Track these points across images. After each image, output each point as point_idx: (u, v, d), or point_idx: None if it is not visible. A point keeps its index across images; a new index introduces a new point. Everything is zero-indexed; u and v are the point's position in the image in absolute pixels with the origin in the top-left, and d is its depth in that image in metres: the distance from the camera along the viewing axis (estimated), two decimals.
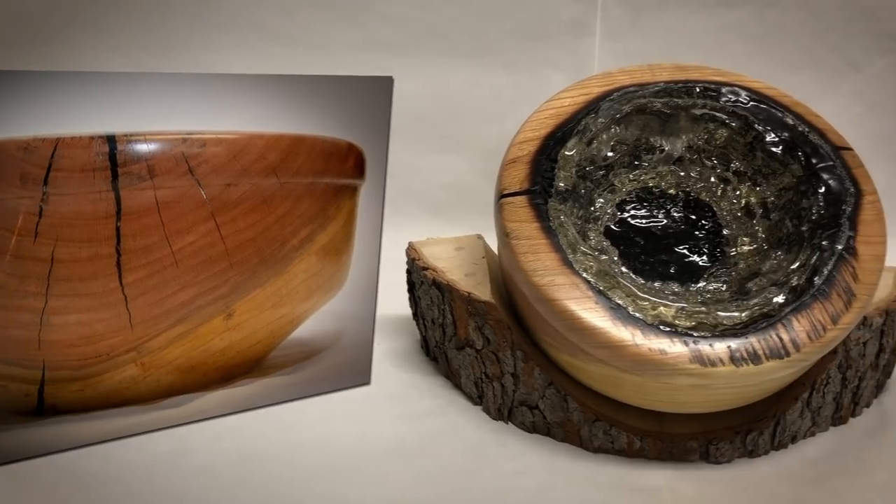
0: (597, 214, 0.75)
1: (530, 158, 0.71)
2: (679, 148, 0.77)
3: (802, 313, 0.64)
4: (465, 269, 0.80)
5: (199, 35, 1.10)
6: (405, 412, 0.77)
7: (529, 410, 0.74)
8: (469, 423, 0.75)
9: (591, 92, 0.76)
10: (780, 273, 0.68)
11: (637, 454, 0.71)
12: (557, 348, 0.70)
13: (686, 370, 0.62)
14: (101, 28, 1.07)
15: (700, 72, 0.78)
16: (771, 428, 0.71)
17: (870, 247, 0.67)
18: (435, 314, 0.79)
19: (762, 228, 0.73)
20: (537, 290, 0.65)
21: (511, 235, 0.67)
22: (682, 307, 0.66)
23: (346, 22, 1.14)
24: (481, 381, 0.76)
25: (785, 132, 0.74)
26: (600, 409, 0.72)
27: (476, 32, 1.16)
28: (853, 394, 0.76)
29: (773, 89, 0.77)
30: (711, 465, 0.70)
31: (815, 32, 1.14)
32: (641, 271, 0.72)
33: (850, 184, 0.70)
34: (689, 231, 0.75)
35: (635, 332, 0.63)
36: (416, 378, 0.83)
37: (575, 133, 0.73)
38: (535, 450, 0.72)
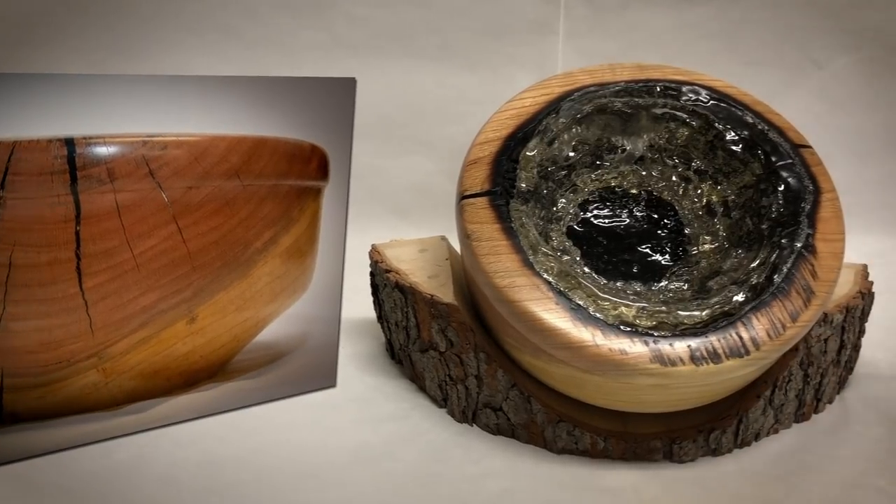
0: (559, 215, 0.75)
1: (491, 159, 0.71)
2: (640, 147, 0.77)
3: (762, 311, 0.64)
4: (429, 270, 0.80)
5: (160, 36, 1.09)
6: (370, 416, 0.77)
7: (493, 412, 0.73)
8: (433, 426, 0.75)
9: (552, 92, 0.76)
10: (740, 271, 0.69)
11: (601, 454, 0.71)
12: (520, 349, 0.70)
13: (646, 370, 0.62)
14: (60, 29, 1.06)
15: (661, 71, 0.78)
16: (734, 426, 0.71)
17: (828, 244, 0.68)
18: (398, 317, 0.79)
19: (723, 227, 0.74)
20: (498, 292, 0.65)
21: (472, 237, 0.67)
22: (642, 307, 0.66)
23: (309, 23, 1.13)
24: (445, 384, 0.76)
25: (745, 131, 0.74)
26: (564, 410, 0.71)
27: (440, 32, 1.16)
28: (815, 390, 0.76)
29: (732, 88, 0.77)
30: (675, 465, 0.70)
31: (778, 30, 1.15)
32: (604, 271, 0.72)
33: (809, 182, 0.71)
34: (652, 230, 0.76)
35: (595, 333, 0.63)
36: (380, 381, 0.83)
37: (536, 133, 0.73)
38: (500, 452, 0.72)
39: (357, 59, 1.15)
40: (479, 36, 1.16)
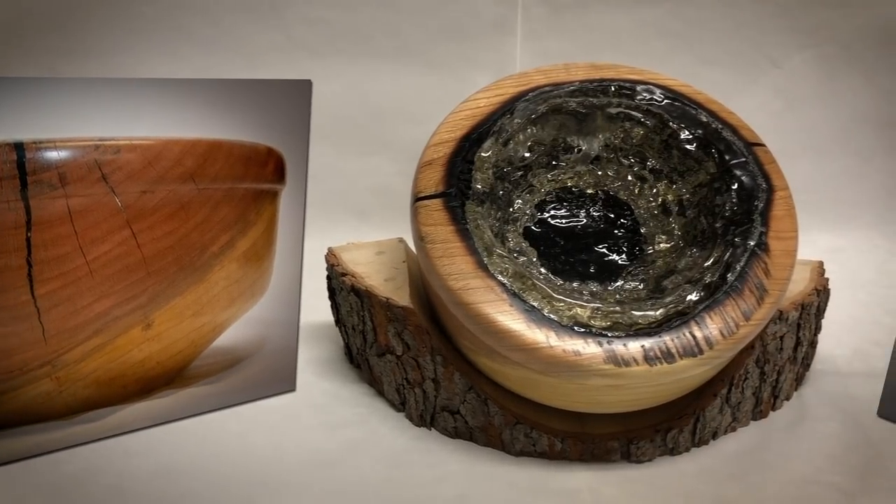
0: (516, 216, 0.74)
1: (445, 161, 0.70)
2: (596, 147, 0.76)
3: (715, 310, 0.64)
4: (385, 273, 0.79)
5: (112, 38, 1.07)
6: (327, 421, 0.76)
7: (451, 416, 0.73)
8: (391, 431, 0.74)
9: (507, 92, 0.75)
10: (694, 270, 0.69)
11: (559, 456, 0.70)
12: (476, 352, 0.69)
13: (600, 371, 0.61)
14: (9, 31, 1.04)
15: (615, 70, 0.78)
16: (691, 425, 0.71)
17: (781, 242, 0.68)
18: (355, 321, 0.78)
19: (678, 226, 0.74)
20: (452, 294, 0.64)
21: (426, 239, 0.66)
22: (597, 307, 0.66)
23: (265, 24, 1.12)
24: (403, 388, 0.75)
25: (699, 129, 0.74)
26: (521, 412, 0.71)
27: (398, 33, 1.15)
28: (772, 388, 0.77)
29: (687, 87, 0.77)
30: (633, 465, 0.70)
31: (734, 28, 1.15)
32: (561, 271, 0.72)
33: (763, 180, 0.71)
34: (609, 230, 0.75)
35: (549, 334, 0.62)
36: (339, 386, 0.82)
37: (491, 134, 0.72)
38: (458, 456, 0.71)
39: (314, 60, 1.14)
40: (437, 37, 1.15)
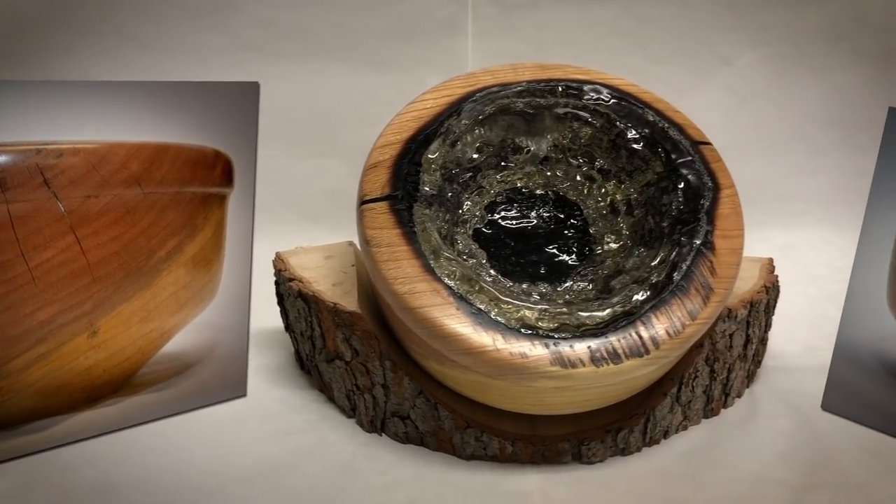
0: (465, 217, 0.74)
1: (391, 163, 0.70)
2: (545, 147, 0.76)
3: (661, 310, 0.64)
4: (333, 278, 0.78)
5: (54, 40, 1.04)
6: (276, 429, 0.74)
7: (401, 421, 0.72)
8: (341, 438, 0.73)
9: (454, 93, 0.74)
10: (642, 270, 0.68)
11: (510, 459, 0.70)
12: (425, 356, 0.68)
13: (547, 373, 0.61)
14: None
15: (562, 70, 0.78)
16: (641, 425, 0.71)
17: (727, 240, 0.68)
18: (303, 327, 0.77)
19: (626, 226, 0.74)
20: (398, 299, 0.63)
21: (371, 243, 0.65)
22: (544, 309, 0.65)
23: (212, 25, 1.10)
24: (353, 394, 0.74)
25: (646, 129, 0.74)
26: (472, 416, 0.71)
27: (347, 34, 1.14)
28: (723, 386, 0.77)
29: (634, 86, 0.77)
30: (584, 466, 0.70)
31: (686, 26, 1.16)
32: (511, 273, 0.72)
33: (709, 178, 0.71)
34: (559, 230, 0.75)
35: (496, 337, 0.62)
36: (289, 393, 0.80)
37: (438, 135, 0.72)
38: (408, 461, 0.70)
39: (263, 62, 1.12)
40: (387, 37, 1.14)
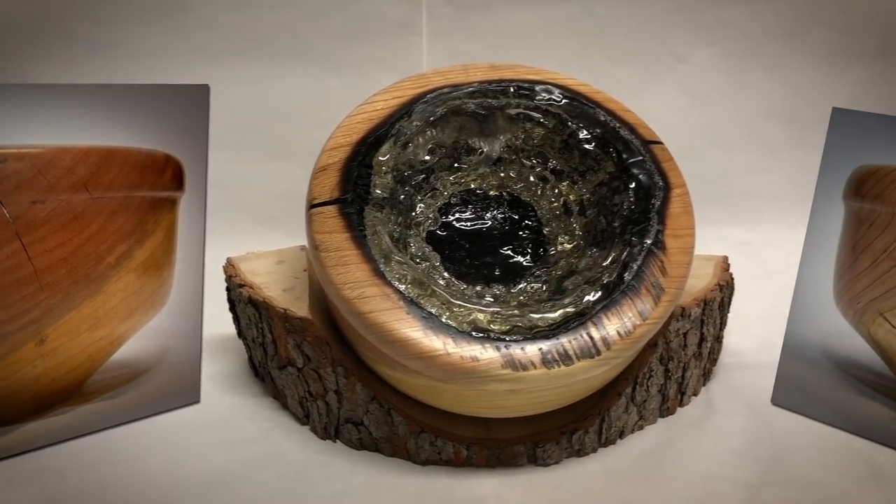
0: (418, 220, 0.73)
1: (341, 166, 0.69)
2: (497, 148, 0.76)
3: (612, 310, 0.64)
4: (284, 283, 0.77)
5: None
6: (229, 438, 0.73)
7: (355, 427, 0.71)
8: (295, 446, 0.72)
9: (405, 94, 0.74)
10: (594, 270, 0.68)
11: (465, 463, 0.69)
12: (377, 361, 0.68)
13: (498, 376, 0.60)
14: None
15: (514, 71, 0.77)
16: (596, 425, 0.71)
17: (678, 240, 0.68)
18: (254, 333, 0.76)
19: (579, 226, 0.73)
20: (348, 304, 0.62)
21: (320, 248, 0.65)
22: (496, 311, 0.65)
23: (160, 27, 1.08)
24: (306, 401, 0.73)
25: (597, 129, 0.74)
26: (426, 421, 0.70)
27: (300, 35, 1.12)
28: (678, 384, 0.77)
29: (585, 86, 0.77)
30: (540, 468, 0.70)
31: (640, 26, 1.16)
32: (466, 275, 0.71)
33: (659, 178, 0.71)
34: (514, 231, 0.75)
35: (447, 341, 0.61)
36: (242, 401, 0.79)
37: (388, 137, 0.71)
38: (363, 468, 0.69)
39: (213, 64, 1.10)
40: (340, 38, 1.13)
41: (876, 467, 0.70)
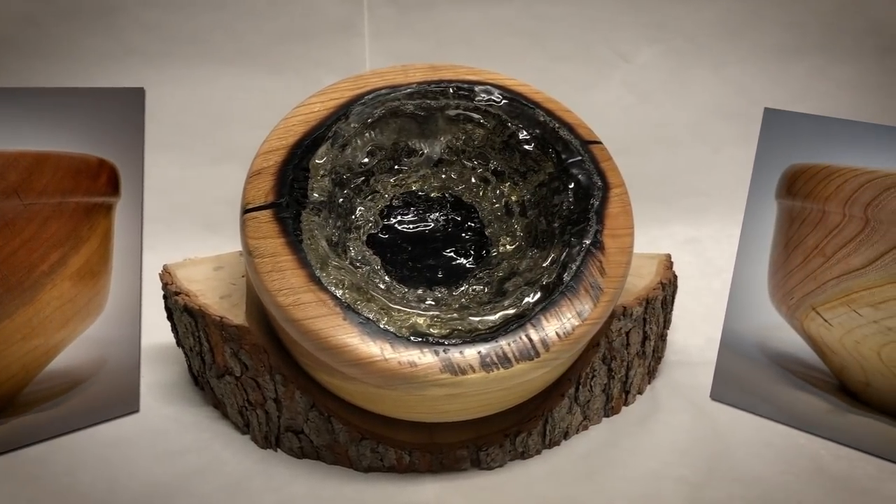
0: (358, 223, 0.72)
1: (276, 169, 0.67)
2: (438, 150, 0.75)
3: (551, 311, 0.63)
4: (222, 290, 0.75)
5: None
6: (167, 450, 0.71)
7: (296, 436, 0.70)
8: (234, 456, 0.71)
9: (342, 96, 0.73)
10: (535, 272, 0.68)
11: (408, 469, 0.68)
12: (315, 368, 0.67)
13: (437, 381, 0.60)
14: None
15: (453, 71, 0.77)
16: (540, 427, 0.71)
17: (616, 240, 0.68)
18: (192, 342, 0.74)
19: (520, 227, 0.73)
20: (283, 311, 0.61)
21: (254, 254, 0.63)
22: (436, 315, 0.64)
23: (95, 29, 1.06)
24: (245, 410, 0.72)
25: (537, 129, 0.73)
26: (367, 427, 0.69)
27: (239, 36, 1.11)
28: (622, 383, 0.77)
29: (525, 86, 0.76)
30: (483, 472, 0.69)
31: (584, 24, 1.16)
32: (408, 278, 0.70)
33: (598, 178, 0.71)
34: (457, 233, 0.74)
35: (384, 347, 0.60)
36: (181, 410, 0.77)
37: (325, 140, 0.70)
38: (304, 477, 0.68)
39: (152, 67, 1.08)
40: (281, 38, 1.12)
41: (818, 462, 0.71)
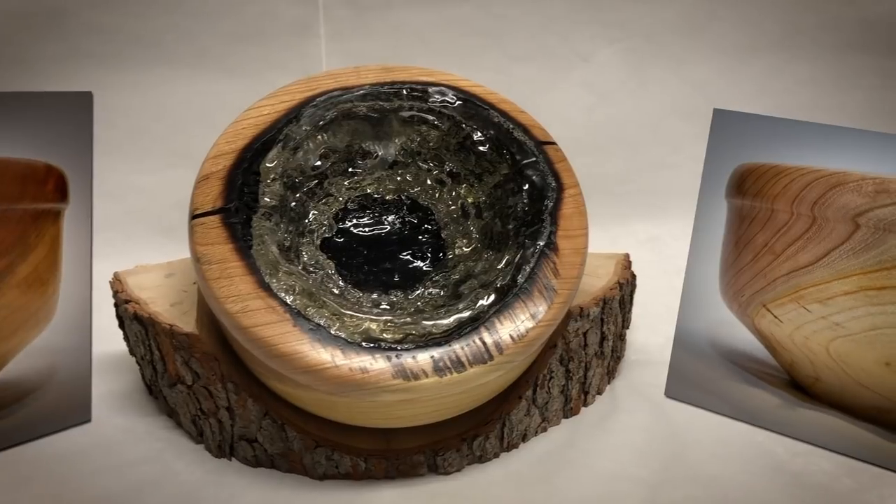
0: (312, 227, 0.71)
1: (225, 174, 0.66)
2: (393, 152, 0.74)
3: (505, 314, 0.63)
4: (173, 297, 0.74)
5: None
6: (119, 461, 0.70)
7: (249, 444, 0.69)
8: (188, 466, 0.69)
9: (293, 98, 0.72)
10: (489, 274, 0.67)
11: (364, 476, 0.68)
12: (267, 376, 0.65)
13: (390, 387, 0.59)
14: None
15: (407, 72, 0.76)
16: (497, 430, 0.70)
17: (570, 240, 0.68)
18: (143, 351, 0.73)
19: (476, 229, 0.72)
20: (231, 318, 0.60)
21: (202, 260, 0.62)
22: (389, 320, 0.63)
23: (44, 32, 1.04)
24: (198, 419, 0.71)
25: (491, 130, 0.73)
26: (322, 434, 0.68)
27: (193, 38, 1.09)
28: (581, 384, 0.77)
29: (479, 87, 0.76)
30: (441, 477, 0.68)
31: (542, 24, 1.16)
32: (364, 282, 0.69)
33: (552, 178, 0.70)
34: (413, 236, 0.73)
35: (335, 353, 0.59)
36: (134, 420, 0.76)
37: (276, 143, 0.69)
38: (258, 486, 0.67)
39: (105, 70, 1.06)
40: (235, 40, 1.10)
41: (775, 460, 0.71)
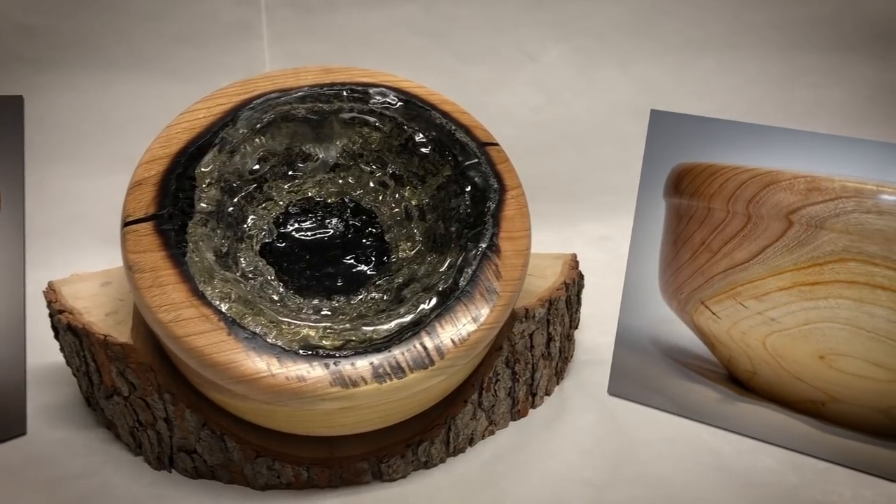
0: (251, 233, 0.69)
1: (158, 179, 0.64)
2: (334, 154, 0.73)
3: (447, 318, 0.62)
4: (109, 307, 0.72)
5: None
6: (54, 475, 0.68)
7: (189, 456, 0.67)
8: (126, 479, 0.67)
9: (229, 101, 0.70)
10: (432, 277, 0.66)
11: (307, 485, 0.66)
12: (204, 386, 0.64)
13: (328, 395, 0.58)
14: None
15: (347, 73, 0.75)
16: (443, 435, 0.69)
17: (512, 242, 0.67)
18: (78, 362, 0.71)
19: (420, 232, 0.71)
20: (164, 328, 0.58)
21: (134, 268, 0.60)
22: (328, 326, 0.62)
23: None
24: (136, 430, 0.69)
25: (434, 132, 0.72)
26: (262, 444, 0.66)
27: (131, 40, 1.06)
28: (528, 386, 0.76)
29: (421, 88, 0.75)
30: (386, 484, 0.67)
31: (488, 24, 1.15)
32: (306, 288, 0.68)
33: (495, 180, 0.70)
34: (357, 239, 0.72)
35: (271, 362, 0.58)
36: (71, 434, 0.73)
37: (212, 147, 0.67)
38: (199, 497, 0.65)
39: (38, 73, 1.03)
40: (176, 42, 1.08)
41: (720, 457, 0.71)
